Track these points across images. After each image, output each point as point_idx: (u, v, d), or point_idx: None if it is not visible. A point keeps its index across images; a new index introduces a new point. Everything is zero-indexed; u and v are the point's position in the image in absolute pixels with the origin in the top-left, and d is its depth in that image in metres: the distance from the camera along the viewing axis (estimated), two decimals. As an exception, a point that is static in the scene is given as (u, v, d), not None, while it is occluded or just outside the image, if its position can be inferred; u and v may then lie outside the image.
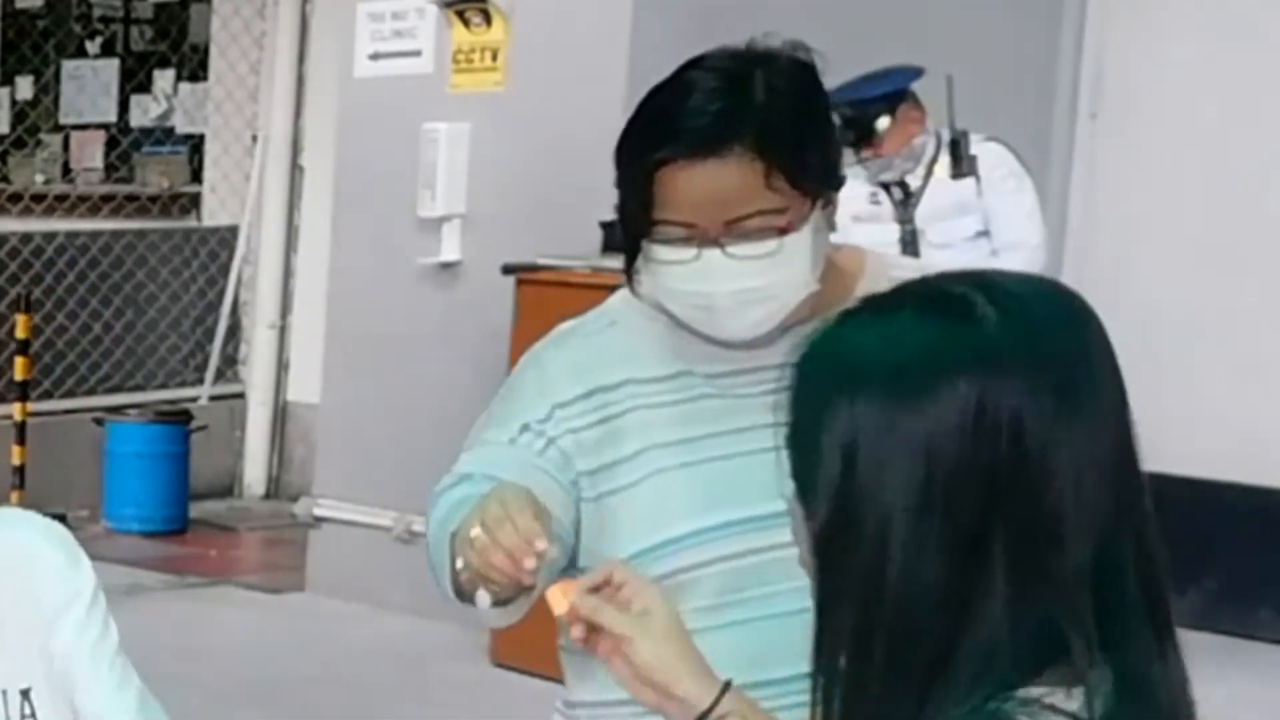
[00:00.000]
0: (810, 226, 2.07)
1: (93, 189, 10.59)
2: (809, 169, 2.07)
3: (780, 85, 2.09)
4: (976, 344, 1.32)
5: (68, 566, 2.11)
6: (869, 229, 6.29)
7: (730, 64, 2.13)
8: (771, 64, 2.12)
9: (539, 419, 2.20)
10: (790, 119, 2.07)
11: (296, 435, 9.44)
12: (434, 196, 6.90)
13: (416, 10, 7.07)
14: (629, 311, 2.24)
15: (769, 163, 2.03)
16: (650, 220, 2.07)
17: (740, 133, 2.03)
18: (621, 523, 2.16)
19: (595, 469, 2.17)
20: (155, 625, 5.86)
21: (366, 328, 7.26)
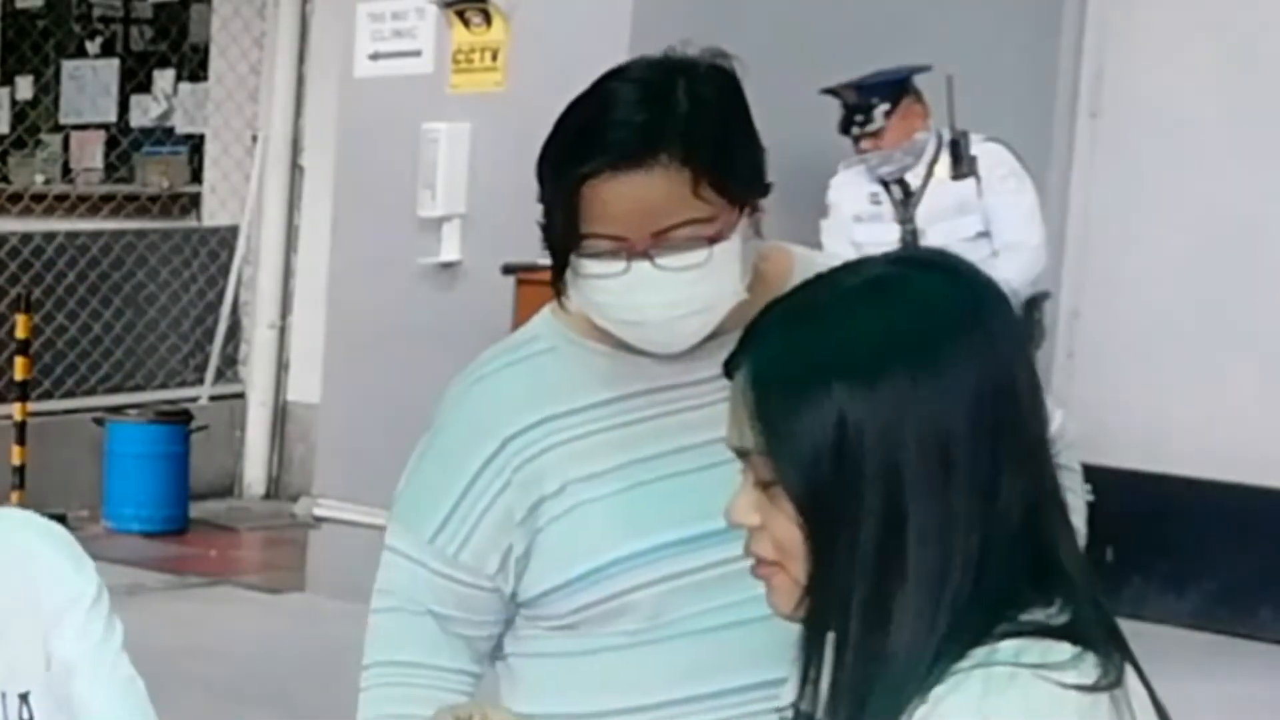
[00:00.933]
0: (739, 234, 2.04)
1: (93, 189, 10.59)
2: (736, 176, 2.04)
3: (703, 93, 2.06)
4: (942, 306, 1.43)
5: (69, 569, 2.09)
6: (869, 229, 6.30)
7: (651, 74, 2.09)
8: (693, 72, 2.08)
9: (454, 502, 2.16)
10: (715, 127, 2.04)
11: (296, 435, 9.44)
12: (434, 196, 6.90)
13: (416, 10, 7.07)
14: (556, 337, 2.19)
15: (695, 171, 2.00)
16: (577, 235, 2.03)
17: (665, 142, 2.00)
18: (546, 557, 2.13)
19: (529, 507, 2.14)
20: (155, 625, 5.86)
21: (366, 328, 7.25)
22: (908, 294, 1.44)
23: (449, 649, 2.21)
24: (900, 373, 1.39)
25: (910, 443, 1.39)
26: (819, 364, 1.41)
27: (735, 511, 1.50)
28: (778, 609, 1.51)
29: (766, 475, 1.46)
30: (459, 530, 2.15)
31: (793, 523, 1.44)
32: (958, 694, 1.38)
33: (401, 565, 2.20)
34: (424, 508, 2.18)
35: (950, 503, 1.39)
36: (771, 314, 1.50)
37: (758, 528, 1.48)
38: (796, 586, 1.47)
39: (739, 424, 1.48)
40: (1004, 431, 1.41)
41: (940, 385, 1.39)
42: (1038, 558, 1.43)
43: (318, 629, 6.88)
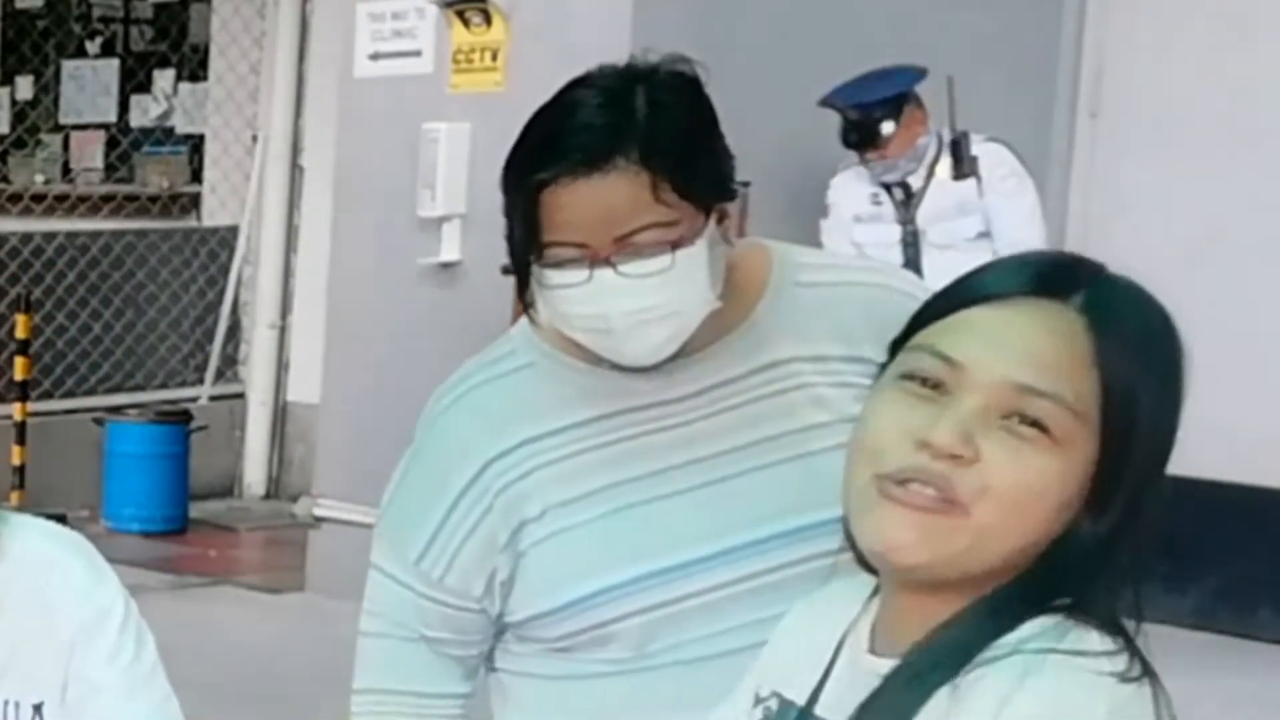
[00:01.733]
0: (705, 240, 2.01)
1: (93, 189, 10.59)
2: (697, 180, 2.01)
3: (663, 99, 2.03)
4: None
5: (91, 582, 2.04)
6: (870, 229, 6.30)
7: (611, 81, 2.06)
8: (653, 78, 2.04)
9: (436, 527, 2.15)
10: (675, 130, 2.01)
11: (296, 435, 9.44)
12: (434, 196, 6.90)
13: (416, 10, 7.07)
14: (533, 352, 2.17)
15: (655, 174, 1.97)
16: (539, 244, 2.01)
17: (623, 146, 1.97)
18: (530, 582, 2.12)
19: (511, 531, 2.12)
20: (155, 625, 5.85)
21: (366, 328, 7.26)
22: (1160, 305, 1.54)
23: (439, 674, 2.22)
24: (1174, 378, 1.47)
25: (1164, 442, 1.46)
26: (1167, 355, 1.48)
27: (951, 435, 1.39)
28: (915, 548, 1.40)
29: (1057, 426, 1.40)
30: (443, 554, 2.14)
31: (1040, 478, 1.39)
32: (991, 679, 1.36)
33: (388, 586, 2.20)
34: (408, 529, 2.17)
35: (1152, 504, 1.47)
36: (1088, 269, 1.52)
37: (969, 461, 1.38)
38: (965, 541, 1.39)
39: (1055, 367, 1.42)
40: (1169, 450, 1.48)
41: (1178, 402, 1.47)
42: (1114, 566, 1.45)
43: (318, 629, 6.88)
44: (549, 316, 2.08)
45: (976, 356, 1.41)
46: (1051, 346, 1.41)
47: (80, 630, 2.01)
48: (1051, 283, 1.45)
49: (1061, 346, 1.41)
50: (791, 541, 2.04)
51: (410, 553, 2.16)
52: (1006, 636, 1.38)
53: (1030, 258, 1.50)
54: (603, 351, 2.07)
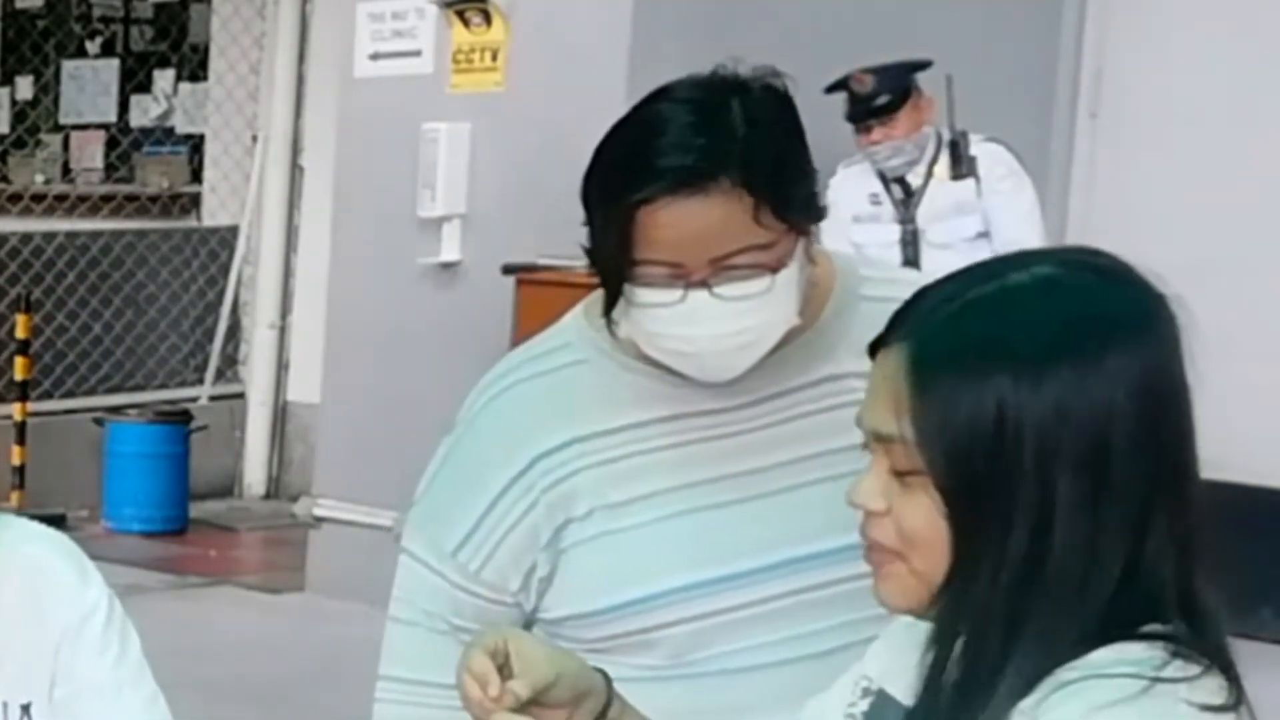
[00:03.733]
0: (797, 262, 1.97)
1: (93, 189, 10.59)
2: (794, 201, 1.97)
3: (760, 116, 1.98)
4: (1108, 306, 1.41)
5: (78, 582, 2.05)
6: (869, 229, 6.30)
7: (702, 94, 2.00)
8: (746, 93, 1.99)
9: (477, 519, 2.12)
10: (773, 149, 1.97)
11: (296, 435, 9.44)
12: (434, 196, 6.90)
13: (416, 10, 7.07)
14: (588, 348, 2.11)
15: (756, 197, 1.92)
16: (631, 261, 1.95)
17: (725, 166, 1.91)
18: (570, 583, 2.09)
19: (555, 529, 2.10)
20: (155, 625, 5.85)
21: (366, 328, 7.26)
22: (1080, 295, 1.41)
23: None
24: (1066, 373, 1.36)
25: (1067, 449, 1.35)
26: (986, 355, 1.38)
27: (861, 494, 1.45)
28: (888, 600, 1.48)
29: (905, 464, 1.41)
30: (482, 547, 2.11)
31: (927, 516, 1.40)
32: (1068, 705, 1.35)
33: (422, 574, 2.18)
34: (446, 519, 2.14)
35: (1100, 517, 1.36)
36: (930, 300, 1.46)
37: (882, 514, 1.44)
38: (913, 579, 1.43)
39: (883, 407, 1.42)
40: (1163, 448, 1.39)
41: (1103, 392, 1.36)
42: (1178, 588, 1.40)
43: (318, 629, 6.88)
44: (630, 331, 2.02)
45: (861, 414, 1.47)
46: (888, 387, 1.42)
47: (67, 630, 2.02)
48: (908, 321, 1.45)
49: (892, 384, 1.42)
50: (840, 559, 1.98)
51: (448, 543, 2.13)
52: (1078, 660, 1.37)
53: (917, 296, 1.49)
54: (681, 369, 2.02)
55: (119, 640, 2.06)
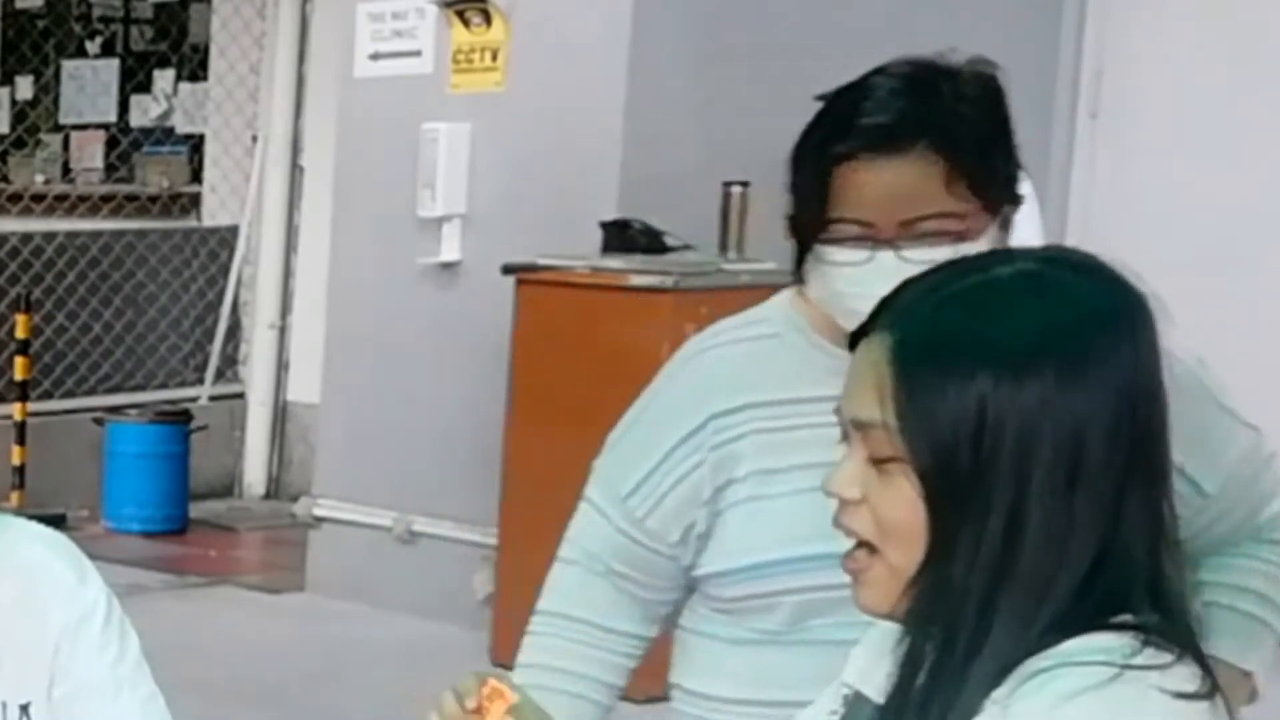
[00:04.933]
0: (987, 240, 2.00)
1: (93, 189, 10.59)
2: (991, 177, 2.03)
3: (967, 92, 2.05)
4: (1091, 309, 1.41)
5: (76, 582, 2.04)
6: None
7: (916, 71, 2.08)
8: (955, 75, 2.08)
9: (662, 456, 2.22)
10: (975, 125, 2.03)
11: (296, 435, 9.44)
12: (434, 196, 6.90)
13: (416, 10, 7.07)
14: (785, 324, 2.22)
15: (951, 164, 1.99)
16: (825, 219, 2.03)
17: (924, 130, 1.99)
18: (721, 541, 2.20)
19: (715, 489, 2.20)
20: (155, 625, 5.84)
21: (366, 328, 7.26)
22: (1062, 292, 1.42)
23: (620, 610, 2.28)
24: (1047, 371, 1.38)
25: (1045, 443, 1.37)
26: (969, 349, 1.39)
27: (838, 483, 1.47)
28: (870, 605, 1.49)
29: (885, 451, 1.43)
30: (650, 495, 2.21)
31: (905, 504, 1.42)
32: (1040, 694, 1.36)
33: (591, 517, 2.28)
34: (626, 465, 2.25)
35: (1073, 509, 1.38)
36: (914, 290, 1.47)
37: (857, 503, 1.46)
38: (893, 579, 1.45)
39: (865, 395, 1.44)
40: (1138, 444, 1.40)
41: (1083, 389, 1.38)
42: (1147, 579, 1.41)
43: (318, 629, 6.88)
44: (818, 292, 2.10)
45: (841, 404, 1.49)
46: (869, 373, 1.44)
47: (65, 630, 2.02)
48: (892, 310, 1.47)
49: (874, 371, 1.43)
50: None
51: (622, 488, 2.24)
52: (1049, 650, 1.38)
53: (901, 287, 1.50)
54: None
55: (118, 640, 2.06)
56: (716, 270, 5.97)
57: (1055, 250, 1.48)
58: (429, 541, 6.94)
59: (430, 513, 6.90)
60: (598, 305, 5.96)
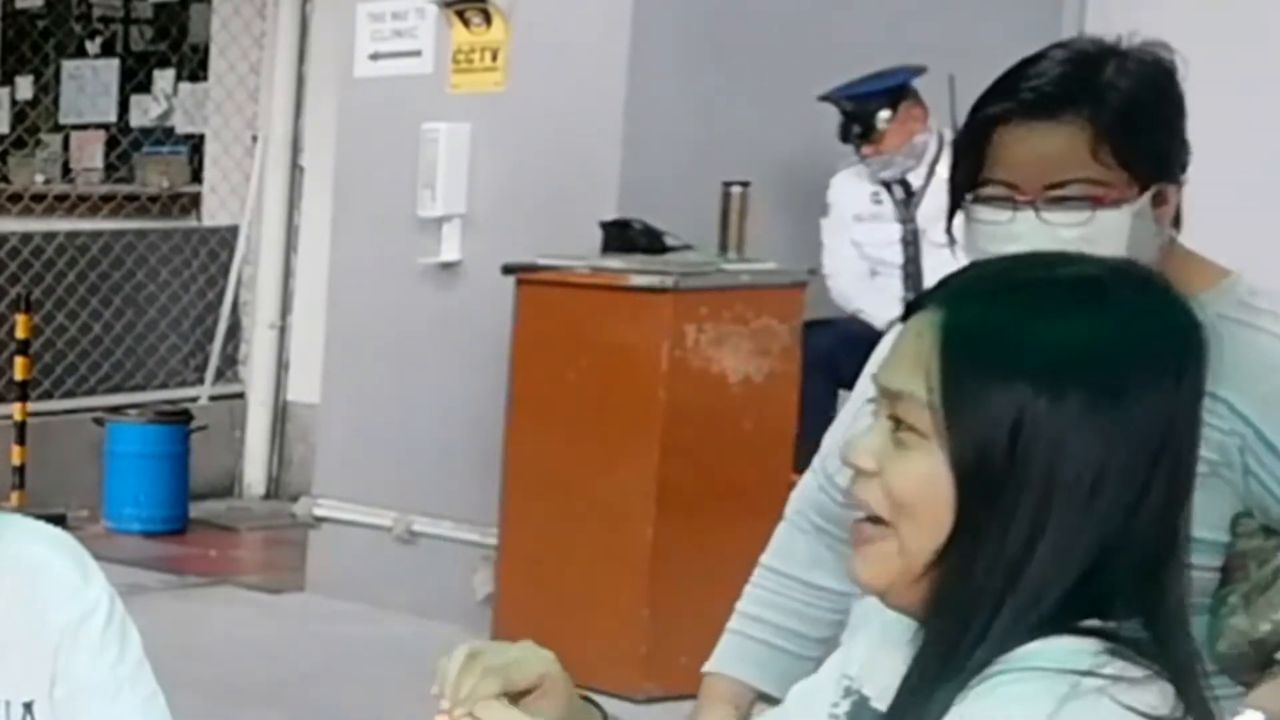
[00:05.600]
0: (1131, 210, 2.09)
1: (93, 189, 10.58)
2: (1140, 151, 2.10)
3: (1131, 68, 2.15)
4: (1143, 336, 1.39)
5: (78, 581, 2.04)
6: (870, 228, 6.30)
7: (1087, 46, 2.19)
8: (1128, 54, 2.18)
9: None
10: (1130, 97, 2.11)
11: (296, 435, 9.44)
12: (434, 196, 6.90)
13: (416, 10, 7.07)
14: None
15: (1098, 132, 2.05)
16: (976, 178, 2.12)
17: (1077, 99, 2.06)
18: None
19: None
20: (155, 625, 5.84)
21: (366, 328, 7.25)
22: (1119, 309, 1.40)
23: (824, 567, 2.42)
24: (1086, 391, 1.37)
25: (1072, 460, 1.36)
26: (1013, 348, 1.38)
27: (856, 452, 1.45)
28: (867, 578, 1.46)
29: (913, 420, 1.41)
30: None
31: (917, 479, 1.41)
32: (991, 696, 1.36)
33: (807, 477, 2.47)
34: (839, 427, 2.41)
35: (1085, 525, 1.37)
36: (975, 273, 1.48)
37: (871, 474, 1.44)
38: (899, 558, 1.43)
39: (906, 366, 1.42)
40: (1159, 475, 1.39)
41: (1116, 416, 1.37)
42: (1141, 596, 1.40)
43: (318, 629, 6.88)
44: (966, 250, 2.16)
45: (877, 376, 1.47)
46: (912, 345, 1.43)
47: (66, 629, 2.01)
48: (948, 289, 1.47)
49: (917, 343, 1.42)
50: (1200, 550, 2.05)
51: (828, 446, 2.41)
52: (1015, 650, 1.38)
53: (966, 269, 1.52)
54: None
55: (119, 640, 2.05)
56: (716, 270, 5.97)
57: (1125, 263, 1.46)
58: (429, 541, 6.94)
59: (430, 513, 6.90)
60: (598, 305, 5.96)
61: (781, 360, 5.96)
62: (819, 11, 6.70)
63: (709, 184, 6.18)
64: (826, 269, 6.39)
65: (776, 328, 5.96)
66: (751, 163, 6.30)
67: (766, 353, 5.94)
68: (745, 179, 6.17)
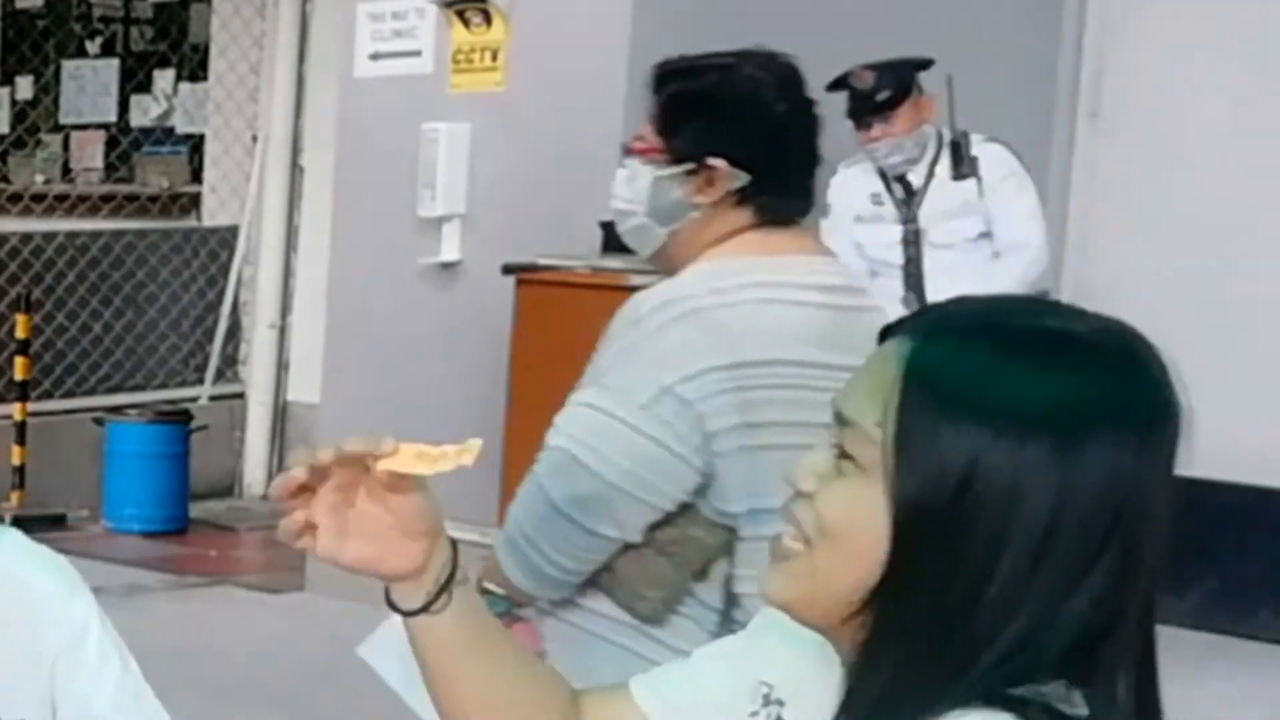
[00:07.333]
0: (654, 172, 2.65)
1: (93, 189, 10.59)
2: (674, 130, 2.66)
3: (723, 63, 2.75)
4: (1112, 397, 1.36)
5: (67, 598, 2.02)
6: (871, 229, 6.29)
7: (679, 62, 2.80)
8: (750, 55, 2.79)
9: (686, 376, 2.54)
10: (690, 86, 2.69)
11: (296, 435, 9.44)
12: (434, 196, 6.90)
13: (416, 10, 7.07)
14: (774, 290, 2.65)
15: (655, 107, 2.71)
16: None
17: (657, 90, 2.72)
18: (726, 484, 2.53)
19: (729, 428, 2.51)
20: (155, 625, 5.86)
21: (366, 328, 7.26)
22: (1093, 366, 1.36)
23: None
24: (1047, 445, 1.33)
25: (1025, 512, 1.32)
26: (980, 389, 1.34)
27: (798, 473, 1.43)
28: (776, 594, 1.44)
29: (856, 451, 1.38)
30: (671, 405, 2.53)
31: (843, 506, 1.38)
32: None
33: (601, 420, 2.56)
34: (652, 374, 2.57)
35: (1031, 584, 1.33)
36: (959, 309, 1.44)
37: (808, 496, 1.41)
38: (811, 580, 1.40)
39: (864, 393, 1.40)
40: (1113, 541, 1.35)
41: (1075, 469, 1.33)
42: (1080, 669, 1.35)
43: (318, 629, 6.88)
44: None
45: (836, 397, 1.45)
46: (872, 373, 1.40)
47: (62, 647, 2.01)
48: (925, 319, 1.43)
49: (879, 372, 1.39)
50: None
51: (652, 388, 2.56)
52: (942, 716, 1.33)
53: (950, 300, 1.48)
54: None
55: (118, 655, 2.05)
56: (716, 270, 5.96)
57: (1114, 324, 1.41)
58: (429, 541, 6.94)
59: (430, 513, 6.90)
60: (598, 305, 5.95)
61: (781, 360, 5.95)
62: (817, 12, 6.70)
63: (709, 184, 6.17)
64: (826, 269, 6.38)
65: (776, 328, 5.96)
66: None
67: (766, 353, 5.94)
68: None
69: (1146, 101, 7.21)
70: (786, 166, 2.72)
